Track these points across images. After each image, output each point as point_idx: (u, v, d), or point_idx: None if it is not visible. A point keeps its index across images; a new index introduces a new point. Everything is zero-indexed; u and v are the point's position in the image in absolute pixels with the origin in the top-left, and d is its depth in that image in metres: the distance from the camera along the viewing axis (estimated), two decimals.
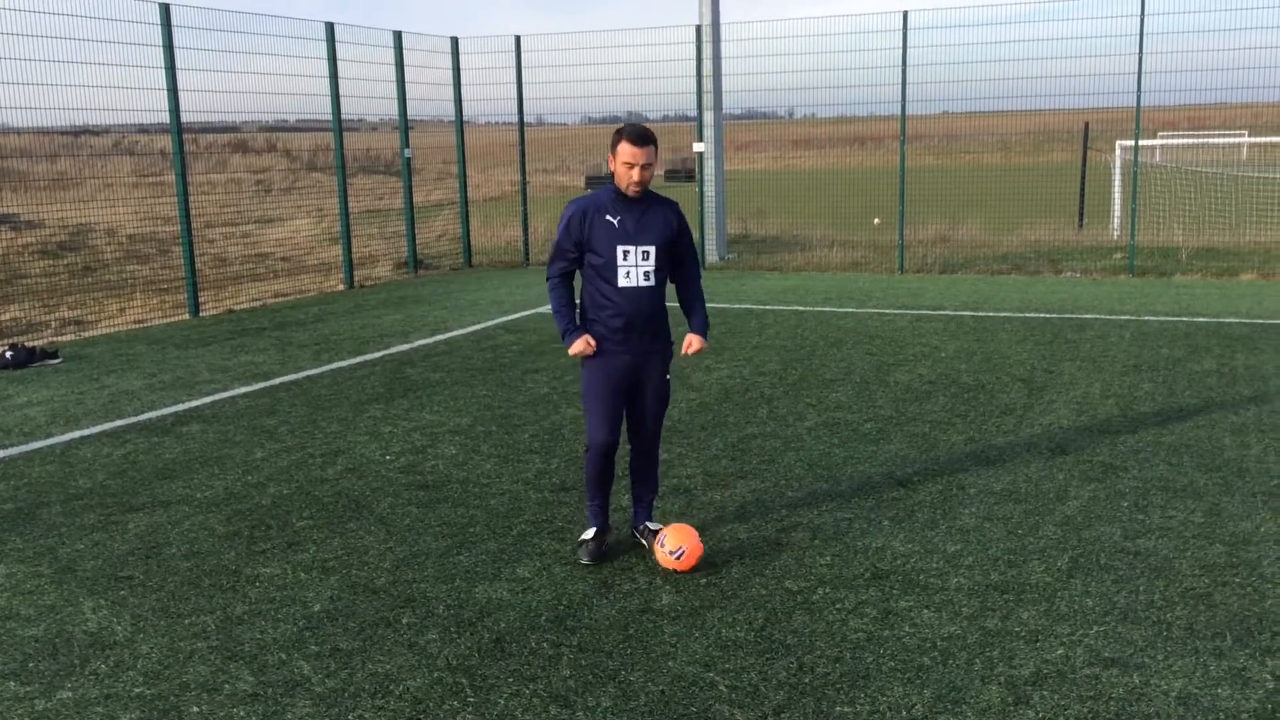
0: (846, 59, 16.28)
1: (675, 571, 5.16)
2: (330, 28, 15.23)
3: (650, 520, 5.54)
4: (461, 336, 11.57)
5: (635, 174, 5.08)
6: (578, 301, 5.32)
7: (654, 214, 5.22)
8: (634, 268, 5.14)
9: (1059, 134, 27.09)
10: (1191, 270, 15.56)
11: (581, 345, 5.21)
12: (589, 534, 5.44)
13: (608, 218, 5.15)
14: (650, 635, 4.56)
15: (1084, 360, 9.66)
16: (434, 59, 17.62)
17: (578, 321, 5.28)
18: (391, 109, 17.00)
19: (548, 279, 5.35)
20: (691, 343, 5.38)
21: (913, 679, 4.15)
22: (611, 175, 5.19)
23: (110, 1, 12.30)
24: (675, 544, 5.16)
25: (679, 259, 5.34)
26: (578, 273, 5.31)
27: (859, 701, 4.00)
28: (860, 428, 7.63)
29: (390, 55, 16.66)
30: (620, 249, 5.13)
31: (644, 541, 5.46)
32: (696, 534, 5.24)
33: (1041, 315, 12.12)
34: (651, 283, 5.18)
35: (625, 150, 5.06)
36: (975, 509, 5.96)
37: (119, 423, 8.18)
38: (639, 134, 5.08)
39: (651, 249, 5.16)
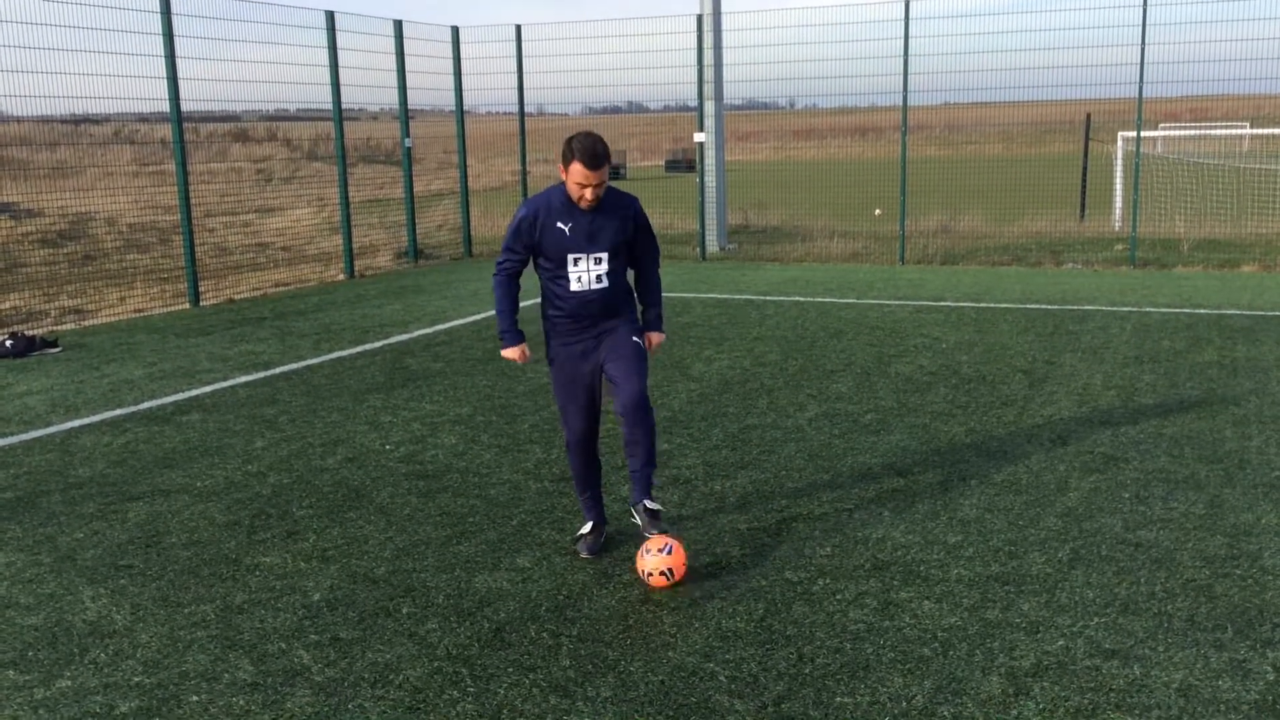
0: (848, 49, 16.17)
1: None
2: (331, 16, 15.19)
3: (648, 499, 5.15)
4: (462, 326, 11.56)
5: (588, 194, 4.90)
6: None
7: (607, 218, 5.02)
8: (585, 273, 5.02)
9: (1061, 125, 27.02)
10: (1193, 262, 15.54)
11: (515, 354, 5.25)
12: (586, 528, 5.41)
13: (559, 224, 4.98)
14: (650, 625, 4.55)
15: (1085, 352, 9.65)
16: (434, 48, 17.58)
17: (519, 323, 5.24)
18: (392, 98, 16.97)
19: (495, 274, 5.21)
20: (651, 340, 5.27)
21: (913, 670, 4.14)
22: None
23: None
24: (662, 564, 4.84)
25: (639, 254, 5.23)
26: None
27: (859, 692, 3.99)
28: (861, 419, 7.62)
29: (391, 44, 16.62)
30: (570, 256, 5.00)
31: (638, 520, 5.16)
32: (679, 547, 4.91)
33: (1043, 307, 12.10)
34: (605, 284, 5.06)
35: (577, 171, 4.86)
36: (976, 500, 5.96)
37: (119, 412, 8.17)
38: (592, 155, 4.82)
39: (604, 254, 5.02)
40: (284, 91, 15.27)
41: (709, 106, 17.30)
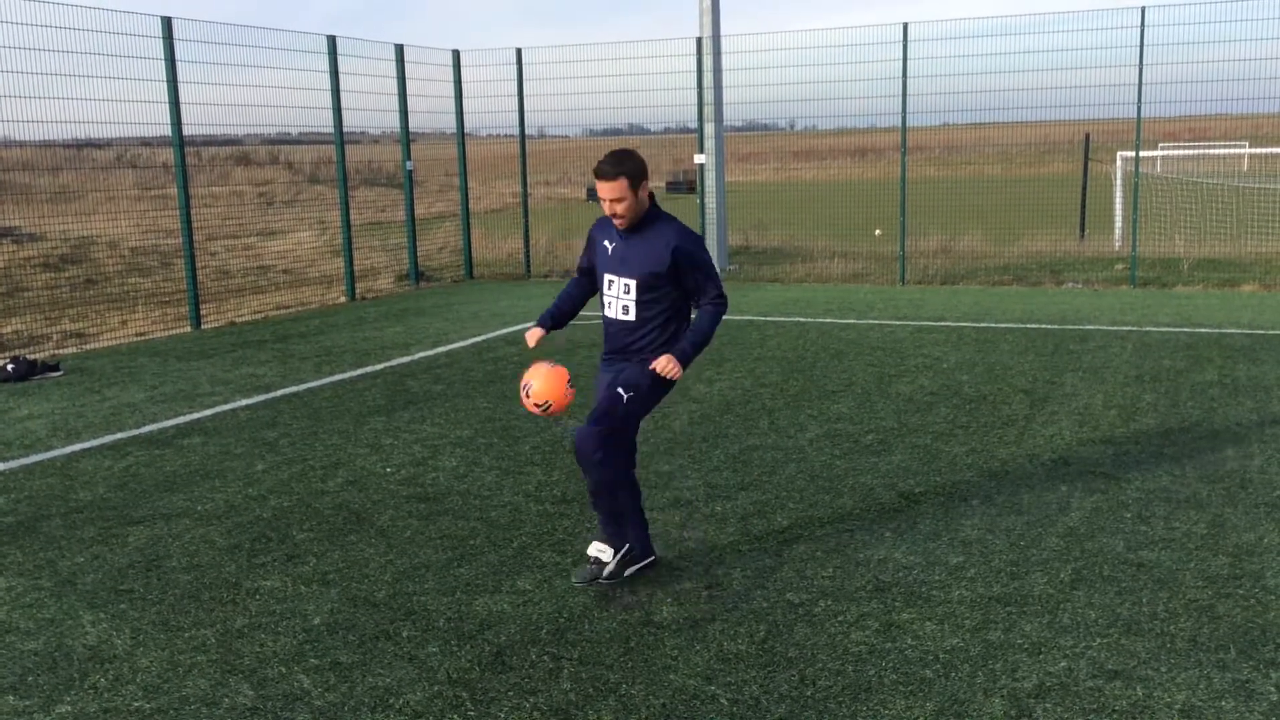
0: (847, 71, 16.28)
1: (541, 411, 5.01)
2: (332, 41, 15.26)
3: (597, 542, 5.16)
4: (463, 349, 11.57)
5: (605, 208, 4.87)
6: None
7: (642, 245, 4.86)
8: (615, 299, 5.00)
9: (1060, 145, 27.11)
10: (1193, 281, 15.56)
11: (530, 335, 5.25)
12: (644, 561, 5.24)
13: (605, 242, 5.05)
14: (651, 648, 4.54)
15: (1086, 371, 9.65)
16: (435, 72, 17.66)
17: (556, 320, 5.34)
18: (393, 122, 17.03)
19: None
20: (657, 363, 4.84)
21: (915, 692, 4.13)
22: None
23: (112, 15, 12.35)
24: (541, 396, 4.95)
25: (690, 291, 4.95)
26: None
27: (860, 715, 3.98)
28: (862, 439, 7.61)
29: (392, 68, 16.69)
30: (606, 277, 5.04)
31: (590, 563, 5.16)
32: (564, 380, 4.98)
33: (1043, 326, 12.11)
34: (630, 317, 4.94)
35: (597, 184, 4.83)
36: (977, 520, 5.95)
37: (120, 435, 8.17)
38: (600, 168, 4.76)
39: (631, 283, 4.89)
40: (286, 115, 15.29)
41: (709, 128, 17.36)
